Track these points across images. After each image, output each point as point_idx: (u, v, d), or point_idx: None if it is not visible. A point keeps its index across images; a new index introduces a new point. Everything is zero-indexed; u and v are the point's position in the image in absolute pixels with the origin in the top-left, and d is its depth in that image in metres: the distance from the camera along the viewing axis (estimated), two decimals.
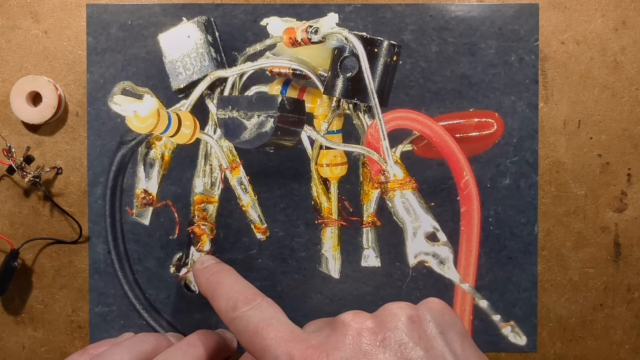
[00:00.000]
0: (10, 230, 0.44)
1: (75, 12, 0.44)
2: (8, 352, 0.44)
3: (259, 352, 0.28)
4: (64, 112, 0.44)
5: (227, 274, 0.34)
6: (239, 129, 0.37)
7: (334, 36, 0.37)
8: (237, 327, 0.30)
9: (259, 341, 0.28)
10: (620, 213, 0.44)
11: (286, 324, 0.29)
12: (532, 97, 0.43)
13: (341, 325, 0.27)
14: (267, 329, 0.28)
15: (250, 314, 0.30)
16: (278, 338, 0.28)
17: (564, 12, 0.43)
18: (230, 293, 0.31)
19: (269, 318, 0.29)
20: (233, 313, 0.30)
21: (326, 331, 0.28)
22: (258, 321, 0.29)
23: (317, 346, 0.27)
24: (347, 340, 0.26)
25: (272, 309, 0.30)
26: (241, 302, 0.30)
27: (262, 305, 0.30)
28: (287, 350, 0.27)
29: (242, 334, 0.29)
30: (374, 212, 0.42)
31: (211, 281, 0.34)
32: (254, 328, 0.29)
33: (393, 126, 0.39)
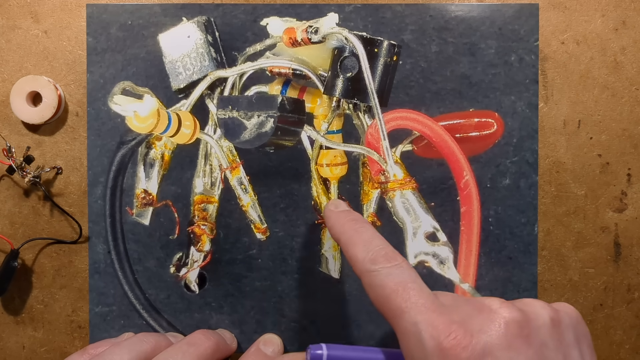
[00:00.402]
0: (10, 230, 0.44)
1: (75, 12, 0.44)
2: (8, 352, 0.44)
3: (394, 312, 0.28)
4: (64, 112, 0.44)
5: (366, 225, 0.33)
6: (239, 129, 0.37)
7: (334, 36, 0.37)
8: (373, 280, 0.29)
9: (398, 302, 0.27)
10: (620, 213, 0.44)
11: (427, 291, 0.28)
12: (532, 97, 0.43)
13: (488, 310, 0.27)
14: (408, 292, 0.28)
15: (390, 272, 0.29)
16: (419, 304, 0.27)
17: (564, 12, 0.43)
18: (370, 245, 0.30)
19: (410, 281, 0.28)
20: (372, 265, 0.29)
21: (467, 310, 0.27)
22: (399, 281, 0.28)
23: (461, 323, 0.26)
24: (494, 326, 0.26)
25: (413, 273, 0.29)
26: (382, 257, 0.29)
27: (402, 266, 0.29)
28: (430, 320, 0.26)
29: (376, 289, 0.29)
30: (374, 212, 0.42)
31: (348, 227, 0.32)
32: (393, 286, 0.28)
33: (393, 126, 0.39)
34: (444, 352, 0.25)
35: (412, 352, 0.27)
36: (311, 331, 0.44)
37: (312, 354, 0.29)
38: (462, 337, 0.25)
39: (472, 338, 0.25)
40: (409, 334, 0.27)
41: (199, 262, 0.43)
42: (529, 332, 0.26)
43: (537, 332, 0.26)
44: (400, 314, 0.27)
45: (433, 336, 0.26)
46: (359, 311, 0.44)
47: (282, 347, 0.43)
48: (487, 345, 0.25)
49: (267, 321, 0.44)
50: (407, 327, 0.27)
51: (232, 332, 0.44)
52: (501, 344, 0.25)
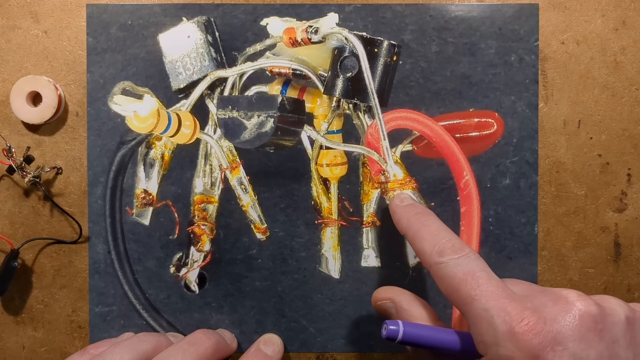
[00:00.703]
0: (10, 230, 0.44)
1: (75, 12, 0.44)
2: (8, 352, 0.44)
3: (465, 300, 0.28)
4: (64, 112, 0.44)
5: (432, 217, 0.33)
6: (239, 129, 0.37)
7: (334, 36, 0.37)
8: (442, 272, 0.29)
9: (467, 290, 0.28)
10: (620, 213, 0.44)
11: (496, 279, 0.28)
12: (532, 97, 0.43)
13: (564, 301, 0.27)
14: (478, 280, 0.28)
15: (458, 262, 0.29)
16: (490, 291, 0.27)
17: (564, 12, 0.43)
18: (437, 238, 0.31)
19: (479, 270, 0.29)
20: (439, 258, 0.30)
21: (541, 299, 0.27)
22: (468, 270, 0.28)
23: (535, 310, 0.26)
24: (568, 317, 0.26)
25: (481, 262, 0.29)
26: (449, 249, 0.30)
27: (470, 256, 0.29)
28: (502, 306, 0.27)
29: (445, 280, 0.29)
30: (374, 212, 0.42)
31: (414, 220, 0.33)
32: (462, 275, 0.28)
33: (393, 126, 0.39)
34: (515, 337, 0.26)
35: (484, 336, 0.27)
36: (311, 331, 0.44)
37: (389, 329, 0.29)
38: (534, 323, 0.26)
39: (545, 325, 0.26)
40: (481, 320, 0.27)
41: (199, 262, 0.43)
42: (603, 327, 0.26)
43: (611, 327, 0.26)
44: (471, 302, 0.28)
45: (505, 321, 0.26)
46: (359, 311, 0.44)
47: (282, 347, 0.43)
48: (559, 334, 0.26)
49: (267, 321, 0.44)
50: (478, 313, 0.27)
51: (232, 332, 0.44)
52: (574, 335, 0.26)
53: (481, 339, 0.27)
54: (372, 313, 0.44)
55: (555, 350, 0.25)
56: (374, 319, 0.44)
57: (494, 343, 0.26)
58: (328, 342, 0.44)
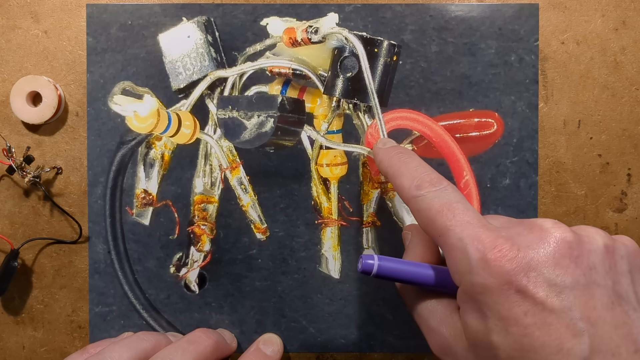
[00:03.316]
0: (10, 230, 0.44)
1: (75, 12, 0.44)
2: (8, 352, 0.44)
3: (440, 231, 0.28)
4: (64, 112, 0.44)
5: (412, 155, 0.33)
6: (239, 129, 0.37)
7: (334, 36, 0.37)
8: (419, 204, 0.29)
9: (443, 221, 0.28)
10: (620, 213, 0.44)
11: (472, 210, 0.28)
12: (532, 97, 0.43)
13: (538, 229, 0.27)
14: (454, 211, 0.28)
15: (435, 194, 0.29)
16: (465, 222, 0.27)
17: (564, 12, 0.43)
18: (416, 173, 0.31)
19: (455, 201, 0.28)
20: (417, 191, 0.30)
21: (517, 229, 0.27)
22: (444, 202, 0.28)
23: (508, 238, 0.26)
24: (543, 244, 0.26)
25: (458, 194, 0.29)
26: (427, 182, 0.30)
27: (447, 189, 0.29)
28: (476, 235, 0.26)
29: (423, 212, 0.29)
30: (374, 212, 0.42)
31: (395, 159, 0.33)
32: (438, 207, 0.28)
33: (393, 126, 0.39)
34: (488, 264, 0.25)
35: (457, 266, 0.27)
36: (311, 331, 0.44)
37: (364, 263, 0.29)
38: (507, 250, 0.25)
39: (519, 252, 0.25)
40: (455, 249, 0.27)
41: (199, 262, 0.43)
42: (579, 254, 0.26)
43: (587, 255, 0.26)
44: (446, 232, 0.27)
45: (478, 249, 0.26)
46: (359, 311, 0.44)
47: (281, 347, 0.43)
48: (533, 260, 0.25)
49: (267, 321, 0.44)
50: (453, 243, 0.27)
51: (232, 332, 0.44)
52: (548, 261, 0.25)
53: (456, 269, 0.27)
54: (372, 313, 0.44)
55: (529, 276, 0.25)
56: (374, 319, 0.44)
57: (467, 271, 0.26)
58: (328, 342, 0.44)
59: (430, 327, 0.30)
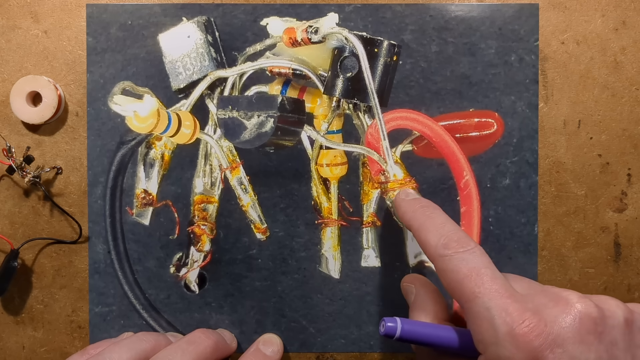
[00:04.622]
0: (10, 230, 0.44)
1: (75, 12, 0.44)
2: (8, 352, 0.44)
3: (467, 297, 0.28)
4: (64, 112, 0.44)
5: (438, 210, 0.33)
6: (239, 129, 0.37)
7: (334, 36, 0.37)
8: (446, 265, 0.29)
9: (471, 287, 0.28)
10: (620, 213, 0.44)
11: (500, 278, 0.28)
12: (532, 97, 0.43)
13: (564, 302, 0.27)
14: (482, 277, 0.28)
15: (463, 257, 0.29)
16: (493, 290, 0.27)
17: (564, 12, 0.43)
18: (443, 230, 0.30)
19: (483, 267, 0.28)
20: (444, 250, 0.29)
21: (542, 300, 0.27)
22: (472, 266, 0.28)
23: (535, 311, 0.26)
24: (568, 319, 0.26)
25: (486, 258, 0.29)
26: (455, 242, 0.30)
27: (475, 252, 0.29)
28: (503, 306, 0.26)
29: (449, 274, 0.29)
30: (374, 212, 0.42)
31: (420, 213, 0.33)
32: (467, 271, 0.28)
33: (393, 126, 0.39)
34: (515, 338, 0.26)
35: (483, 335, 0.27)
36: (311, 331, 0.44)
37: (387, 326, 0.29)
38: (535, 325, 0.26)
39: (546, 327, 0.26)
40: (481, 318, 0.27)
41: (199, 262, 0.43)
42: (602, 330, 0.26)
43: (610, 330, 0.27)
44: (473, 299, 0.27)
45: (506, 322, 0.26)
46: (359, 311, 0.44)
47: (281, 347, 0.43)
48: (559, 336, 0.26)
49: (267, 321, 0.44)
50: (479, 311, 0.27)
51: (232, 332, 0.44)
52: (574, 337, 0.26)
53: (481, 338, 0.27)
54: (372, 313, 0.44)
55: (554, 352, 0.25)
56: (374, 319, 0.44)
57: (493, 342, 0.26)
58: (328, 342, 0.44)
59: None
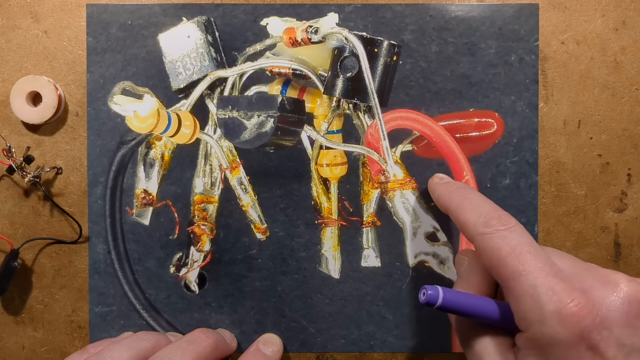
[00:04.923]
0: (10, 230, 0.44)
1: (75, 12, 0.44)
2: (8, 352, 0.44)
3: (511, 274, 0.27)
4: (64, 112, 0.44)
5: (473, 190, 0.33)
6: (239, 129, 0.37)
7: (334, 36, 0.37)
8: (487, 243, 0.29)
9: (514, 264, 0.27)
10: (620, 213, 0.44)
11: (544, 255, 0.28)
12: (532, 97, 0.43)
13: (613, 284, 0.27)
14: (526, 255, 0.27)
15: (504, 234, 0.29)
16: (537, 268, 0.27)
17: (564, 12, 0.43)
18: (482, 209, 0.30)
19: (526, 244, 0.28)
20: (484, 228, 0.29)
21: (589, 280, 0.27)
22: (515, 244, 0.28)
23: (583, 292, 0.26)
24: (617, 302, 0.26)
25: (528, 236, 0.29)
26: (495, 219, 0.29)
27: (517, 230, 0.29)
28: (550, 284, 0.26)
29: (490, 252, 0.29)
30: (374, 212, 0.42)
31: (456, 194, 0.32)
32: (509, 249, 0.28)
33: (393, 126, 0.39)
34: (563, 317, 0.25)
35: (527, 313, 0.27)
36: (311, 331, 0.44)
37: (428, 294, 0.29)
38: (584, 305, 0.25)
39: (594, 308, 0.25)
40: (526, 296, 0.27)
41: (199, 262, 0.43)
42: None
43: None
44: (517, 276, 0.27)
45: (553, 301, 0.26)
46: (359, 311, 0.44)
47: (281, 347, 0.43)
48: (607, 318, 0.25)
49: (267, 321, 0.44)
50: (524, 289, 0.27)
51: (232, 332, 0.44)
52: (621, 320, 0.25)
53: (524, 315, 0.27)
54: (372, 313, 0.44)
55: (601, 334, 0.25)
56: (374, 319, 0.44)
57: (538, 321, 0.26)
58: (328, 342, 0.44)
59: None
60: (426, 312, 0.44)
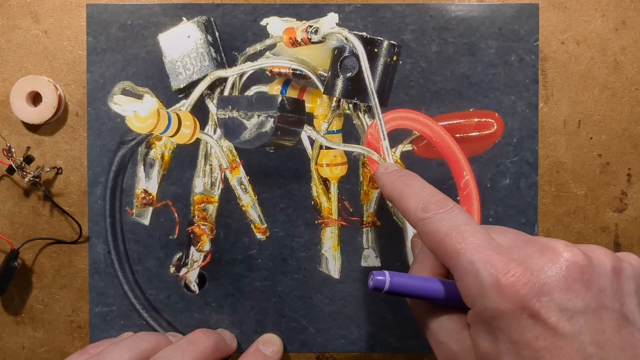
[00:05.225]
0: (10, 230, 0.44)
1: (75, 12, 0.44)
2: (8, 352, 0.44)
3: (450, 254, 0.28)
4: (64, 112, 0.44)
5: (415, 178, 0.33)
6: (239, 129, 0.37)
7: (334, 36, 0.37)
8: (427, 227, 0.29)
9: (452, 244, 0.28)
10: (620, 213, 0.44)
11: (481, 232, 0.28)
12: (532, 97, 0.43)
13: (550, 251, 0.27)
14: (463, 233, 0.28)
15: (442, 216, 0.29)
16: (475, 244, 0.27)
17: (564, 12, 0.43)
18: (421, 195, 0.31)
19: (463, 223, 0.28)
20: (423, 214, 0.30)
21: (528, 250, 0.27)
22: (452, 224, 0.28)
23: (521, 262, 0.26)
24: (555, 268, 0.26)
25: (465, 215, 0.29)
26: (433, 204, 0.30)
27: (454, 210, 0.29)
28: (487, 258, 0.26)
29: (431, 235, 0.29)
30: (374, 212, 0.42)
31: (398, 182, 0.33)
32: (447, 230, 0.28)
33: (393, 126, 0.39)
34: (501, 289, 0.25)
35: (470, 289, 0.27)
36: (311, 331, 0.44)
37: (376, 279, 0.29)
38: (521, 274, 0.25)
39: (532, 276, 0.25)
40: (466, 273, 0.27)
41: (199, 262, 0.43)
42: (589, 277, 0.26)
43: (597, 278, 0.26)
44: (456, 255, 0.27)
45: (491, 273, 0.26)
46: (359, 311, 0.44)
47: (281, 347, 0.43)
48: (546, 285, 0.25)
49: (267, 321, 0.44)
50: (464, 266, 0.27)
51: (232, 332, 0.44)
52: (560, 286, 0.25)
53: (468, 292, 0.27)
54: (372, 313, 0.44)
55: (541, 301, 0.25)
56: (374, 319, 0.44)
57: (480, 295, 0.26)
58: (328, 342, 0.44)
59: (440, 341, 0.30)
60: None
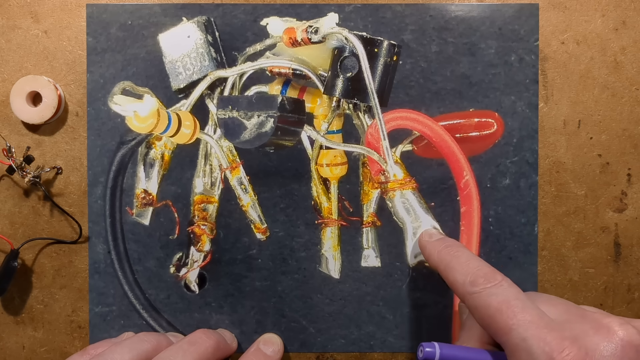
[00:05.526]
0: (10, 230, 0.44)
1: (75, 12, 0.44)
2: (8, 352, 0.44)
3: (502, 330, 0.28)
4: (64, 112, 0.44)
5: (462, 248, 0.33)
6: (239, 129, 0.37)
7: (334, 36, 0.37)
8: (476, 302, 0.29)
9: (504, 319, 0.27)
10: (620, 213, 0.44)
11: (532, 307, 0.28)
12: (532, 97, 0.43)
13: (605, 329, 0.27)
14: (514, 309, 0.28)
15: (492, 291, 0.29)
16: (527, 321, 0.27)
17: (564, 12, 0.43)
18: (468, 268, 0.31)
19: (513, 298, 0.28)
20: (472, 288, 0.30)
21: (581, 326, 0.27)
22: (502, 299, 0.28)
23: (574, 340, 0.26)
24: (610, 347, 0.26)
25: (515, 289, 0.29)
26: (481, 278, 0.30)
27: (503, 284, 0.29)
28: (541, 336, 0.26)
29: (480, 310, 0.29)
30: (374, 212, 0.42)
31: (444, 253, 0.33)
32: (497, 305, 0.28)
33: (393, 126, 0.39)
34: None
35: None
36: (311, 331, 0.44)
37: (425, 351, 0.29)
38: (575, 354, 0.25)
39: (587, 355, 0.25)
40: (519, 350, 0.27)
41: (199, 262, 0.43)
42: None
43: None
44: (508, 332, 0.27)
45: (545, 351, 0.26)
46: (359, 311, 0.44)
47: (282, 347, 0.43)
48: None
49: (267, 321, 0.44)
50: (516, 343, 0.27)
51: (232, 332, 0.44)
52: None
53: None
54: (372, 313, 0.44)
55: None
56: (374, 319, 0.44)
57: None
58: (328, 342, 0.44)
59: None
60: (426, 312, 0.44)
